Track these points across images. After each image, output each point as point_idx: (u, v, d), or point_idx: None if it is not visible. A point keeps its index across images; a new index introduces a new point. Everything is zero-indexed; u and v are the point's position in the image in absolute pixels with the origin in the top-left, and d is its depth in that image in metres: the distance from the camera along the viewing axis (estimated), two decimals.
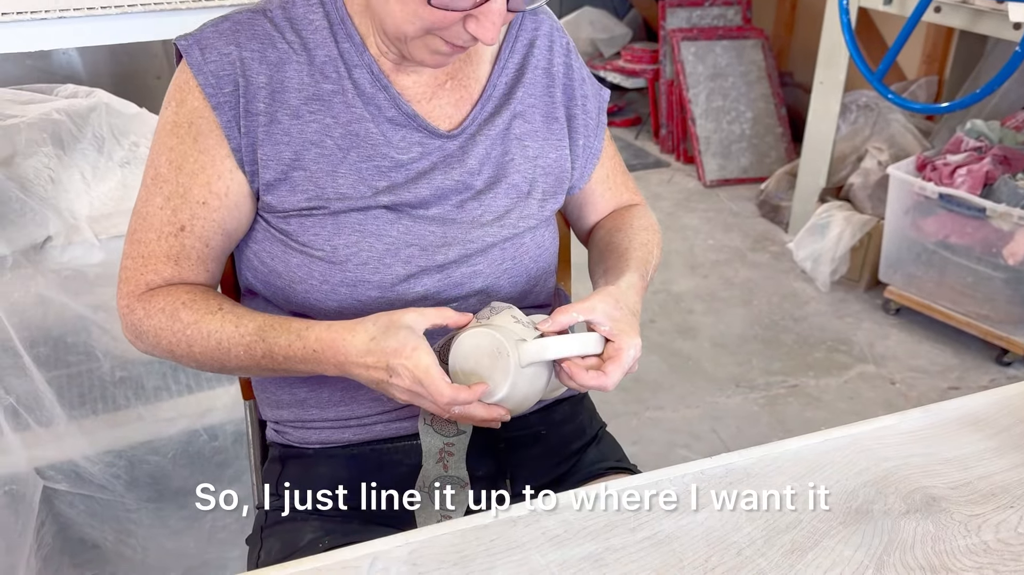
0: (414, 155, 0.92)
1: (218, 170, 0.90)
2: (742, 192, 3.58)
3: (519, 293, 1.00)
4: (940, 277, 2.56)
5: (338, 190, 0.89)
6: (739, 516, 0.71)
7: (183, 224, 0.90)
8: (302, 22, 0.91)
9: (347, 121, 0.90)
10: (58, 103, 1.60)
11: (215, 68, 0.88)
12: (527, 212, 0.98)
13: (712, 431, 2.22)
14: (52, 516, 1.52)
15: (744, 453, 0.78)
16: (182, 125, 0.90)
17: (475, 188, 0.95)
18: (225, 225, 0.92)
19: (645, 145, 4.06)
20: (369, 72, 0.91)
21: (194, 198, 0.90)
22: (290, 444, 1.01)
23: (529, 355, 0.81)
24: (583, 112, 1.04)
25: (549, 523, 0.70)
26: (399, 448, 0.96)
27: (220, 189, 0.90)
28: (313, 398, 0.97)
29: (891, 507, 0.73)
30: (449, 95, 0.96)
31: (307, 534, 0.95)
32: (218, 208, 0.90)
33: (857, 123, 3.17)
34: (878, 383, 2.42)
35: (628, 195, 1.12)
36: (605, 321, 0.84)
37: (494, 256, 0.96)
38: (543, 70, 1.01)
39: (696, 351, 2.55)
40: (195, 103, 0.89)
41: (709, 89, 3.71)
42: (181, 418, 1.51)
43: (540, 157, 0.99)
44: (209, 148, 0.89)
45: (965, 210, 2.44)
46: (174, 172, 0.90)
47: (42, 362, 1.39)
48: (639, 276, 0.95)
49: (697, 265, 3.01)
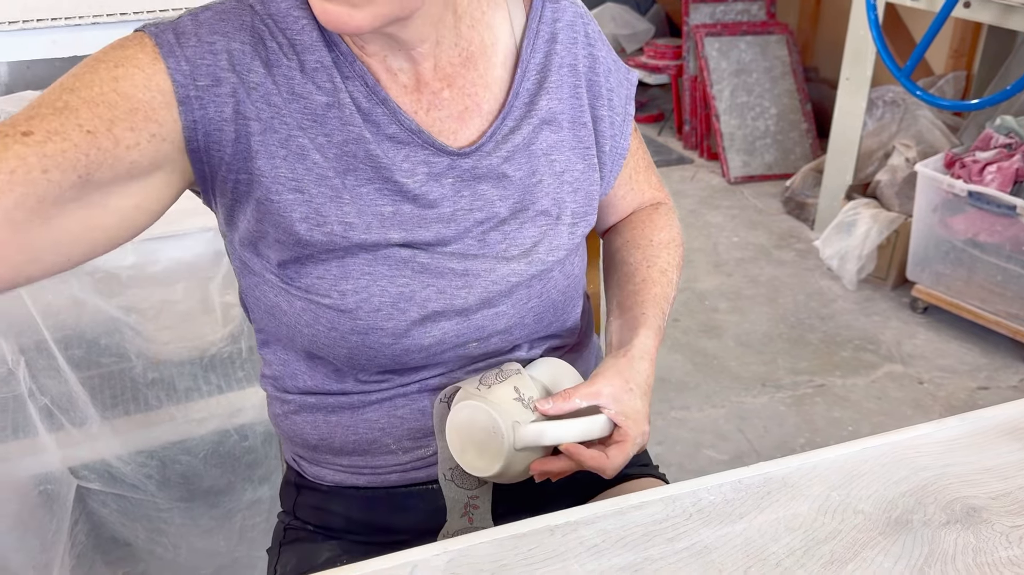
0: (420, 178, 0.80)
1: (137, 124, 0.69)
2: (767, 189, 3.56)
3: (545, 327, 0.90)
4: (969, 275, 2.53)
5: (344, 218, 0.77)
6: (778, 526, 0.71)
7: (32, 130, 0.64)
8: (286, 19, 0.76)
9: (342, 140, 0.77)
10: None
11: (192, 55, 0.72)
12: (557, 243, 0.86)
13: (738, 431, 2.21)
14: (85, 515, 1.54)
15: (782, 462, 0.78)
16: (106, 63, 0.70)
17: (498, 216, 0.83)
18: (91, 175, 0.67)
19: (668, 141, 4.04)
20: (363, 84, 0.78)
21: (78, 119, 0.66)
22: (305, 476, 0.96)
23: (524, 440, 0.78)
24: (609, 111, 0.91)
25: (587, 533, 0.70)
26: (415, 492, 0.91)
27: (126, 139, 0.68)
28: (324, 445, 0.90)
29: (931, 517, 0.72)
30: (449, 106, 0.82)
31: (324, 553, 0.93)
32: (106, 151, 0.67)
33: (884, 119, 3.14)
34: (906, 383, 2.40)
35: (651, 193, 1.02)
36: (611, 404, 0.80)
37: (519, 296, 0.85)
38: (569, 67, 0.87)
39: (721, 350, 2.54)
40: (155, 77, 0.71)
41: (733, 85, 3.69)
42: (212, 418, 1.52)
43: (567, 171, 0.87)
44: (141, 105, 0.69)
45: (995, 208, 2.41)
46: (59, 91, 0.68)
47: (76, 363, 1.41)
48: (655, 331, 0.88)
49: (721, 263, 2.99)
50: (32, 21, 1.33)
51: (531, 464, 0.80)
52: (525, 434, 0.78)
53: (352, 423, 0.88)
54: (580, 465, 0.79)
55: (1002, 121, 2.58)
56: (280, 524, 1.00)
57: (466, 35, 0.82)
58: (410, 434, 0.88)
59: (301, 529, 0.96)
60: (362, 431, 0.88)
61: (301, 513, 0.97)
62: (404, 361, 0.83)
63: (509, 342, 0.87)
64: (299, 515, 0.97)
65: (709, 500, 0.74)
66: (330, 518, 0.94)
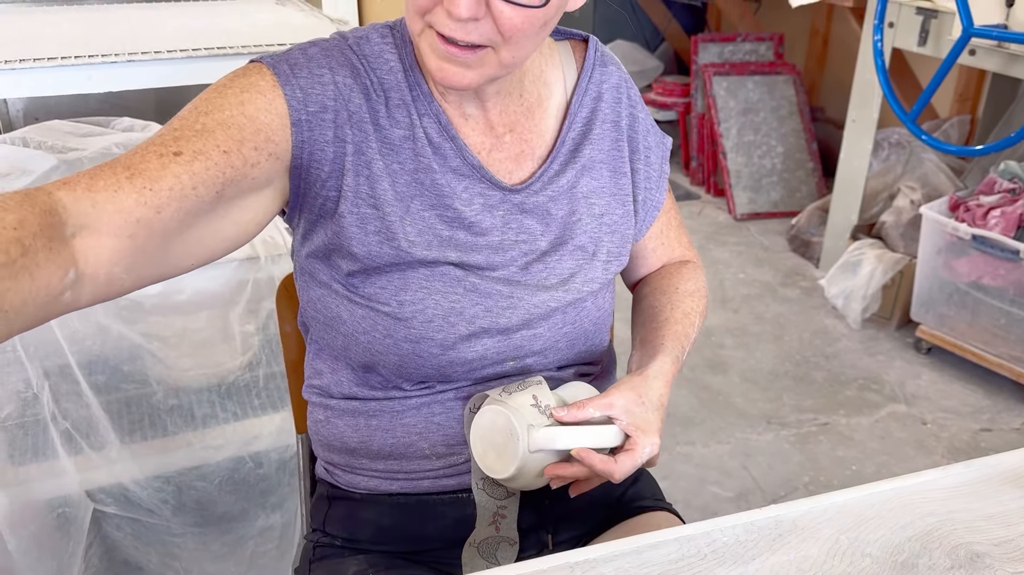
0: (476, 208, 0.90)
1: (259, 144, 0.78)
2: (772, 226, 3.61)
3: (575, 354, 0.98)
4: (972, 318, 2.57)
5: (407, 236, 0.87)
6: (789, 568, 0.74)
7: (182, 151, 0.73)
8: (377, 60, 0.88)
9: (413, 169, 0.88)
10: (116, 137, 1.66)
11: (305, 84, 0.83)
12: (591, 275, 0.95)
13: (743, 468, 2.23)
14: (100, 538, 1.56)
15: (792, 505, 0.81)
16: (232, 87, 0.80)
17: (540, 249, 0.93)
18: (225, 192, 0.75)
19: (676, 177, 4.09)
20: (437, 122, 0.89)
21: (215, 141, 0.75)
22: (338, 486, 1.02)
23: (538, 443, 0.83)
24: (645, 165, 1.02)
25: (606, 570, 0.73)
26: (445, 500, 0.97)
27: (252, 158, 0.77)
28: (363, 449, 0.97)
29: (936, 562, 0.75)
30: (509, 148, 0.93)
31: (351, 567, 0.97)
32: (239, 168, 0.76)
33: (889, 160, 3.19)
34: (909, 423, 2.42)
35: (681, 251, 1.11)
36: (623, 416, 0.86)
37: (555, 321, 0.94)
38: (611, 123, 0.98)
39: (727, 386, 2.57)
40: (275, 102, 0.81)
41: (740, 123, 3.74)
42: (228, 445, 1.55)
43: (606, 215, 0.97)
44: (263, 127, 0.79)
45: (998, 252, 2.45)
46: (196, 115, 0.77)
47: (99, 389, 1.44)
48: (672, 359, 0.94)
49: (728, 299, 3.03)
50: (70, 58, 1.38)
51: (545, 468, 0.85)
52: (539, 437, 0.83)
53: (391, 427, 0.95)
54: (591, 469, 0.84)
55: (1006, 166, 2.63)
56: (308, 543, 1.04)
57: (529, 89, 0.94)
58: (444, 440, 0.94)
59: (329, 545, 1.01)
60: (400, 435, 0.95)
61: (331, 527, 1.02)
62: (448, 373, 0.91)
63: (543, 364, 0.95)
64: (328, 530, 1.02)
65: (723, 541, 0.77)
66: (360, 528, 0.99)
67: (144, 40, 1.48)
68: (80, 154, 1.56)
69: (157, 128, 1.68)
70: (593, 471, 0.85)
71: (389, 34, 0.90)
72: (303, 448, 1.19)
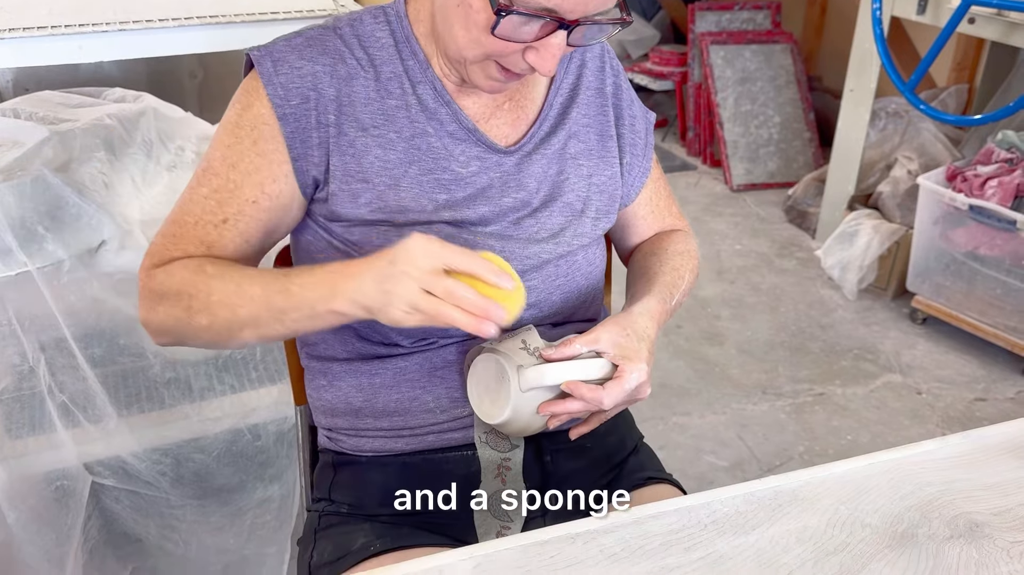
0: (473, 169, 0.96)
1: (273, 173, 0.92)
2: (769, 197, 3.60)
3: (570, 308, 1.03)
4: (968, 288, 2.57)
5: (400, 203, 0.93)
6: (789, 538, 0.74)
7: (227, 217, 0.92)
8: (369, 39, 0.95)
9: (410, 135, 0.94)
10: (108, 108, 1.64)
11: (285, 80, 0.91)
12: (581, 230, 1.01)
13: (739, 438, 2.24)
14: (99, 510, 1.56)
15: (791, 476, 0.81)
16: (244, 127, 0.92)
17: (532, 206, 0.99)
18: (269, 225, 0.94)
19: (672, 148, 4.07)
20: (432, 89, 0.95)
21: (244, 195, 0.92)
22: (343, 451, 1.04)
23: (528, 381, 0.86)
24: (631, 131, 1.08)
25: (607, 541, 0.74)
26: (450, 458, 0.99)
27: (273, 191, 0.93)
28: (368, 407, 1.00)
29: (935, 532, 0.75)
30: (507, 115, 1.00)
31: (359, 538, 0.98)
32: (268, 209, 0.93)
33: (886, 130, 3.18)
34: (904, 393, 2.44)
35: (671, 219, 1.15)
36: (611, 348, 0.89)
37: (548, 272, 0.99)
38: (595, 90, 1.05)
39: (722, 357, 2.58)
40: (261, 110, 0.92)
41: (737, 93, 3.72)
42: (226, 417, 1.55)
43: (594, 175, 1.03)
44: (267, 152, 0.92)
45: (995, 222, 2.45)
46: (226, 168, 0.92)
47: (95, 362, 1.43)
48: (659, 300, 0.98)
49: (724, 270, 3.03)
50: (60, 27, 1.36)
51: (539, 406, 0.88)
52: (528, 375, 0.86)
53: (394, 383, 0.98)
54: (581, 398, 0.87)
55: (1004, 136, 2.62)
56: (314, 514, 1.05)
57: None
58: (448, 393, 0.98)
59: (335, 514, 1.03)
60: (404, 390, 0.98)
61: (338, 493, 1.03)
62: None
63: (537, 318, 1.00)
64: (335, 497, 1.04)
65: (723, 511, 0.77)
66: (367, 492, 1.01)
67: (136, 9, 1.45)
68: (72, 125, 1.54)
69: (149, 100, 1.65)
70: (583, 400, 0.87)
71: (382, 14, 0.97)
72: (302, 420, 1.19)
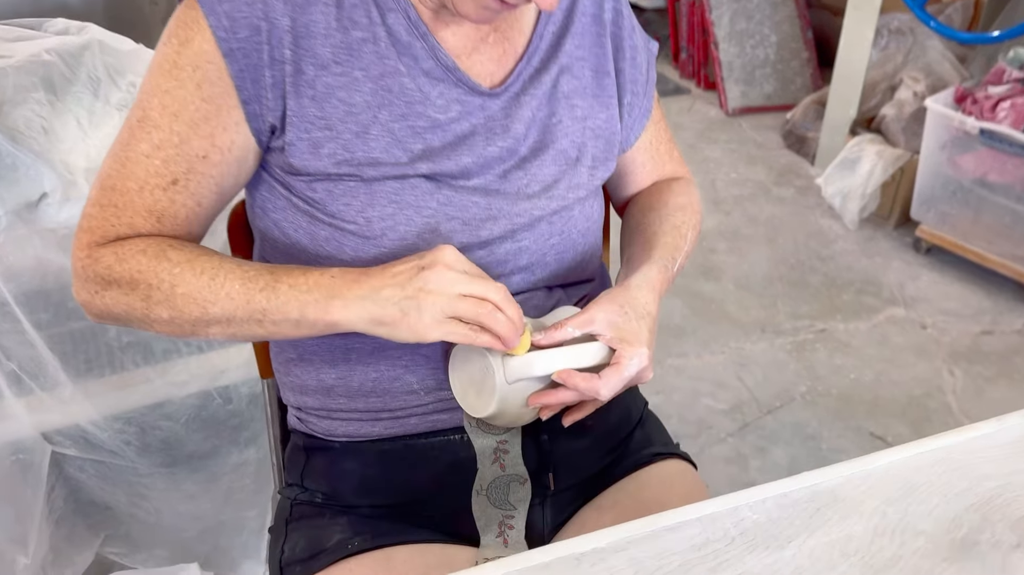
0: (453, 115, 0.82)
1: (223, 122, 0.79)
2: (766, 121, 3.44)
3: (565, 269, 0.91)
4: (976, 216, 2.46)
5: (370, 154, 0.80)
6: (832, 551, 0.63)
7: (176, 178, 0.79)
8: None
9: (378, 75, 0.80)
10: (48, 41, 1.47)
11: (230, 9, 0.76)
12: (576, 182, 0.89)
13: (737, 378, 2.15)
14: (63, 480, 1.46)
15: (829, 471, 0.70)
16: (184, 68, 0.78)
17: (520, 155, 0.86)
18: (223, 183, 0.82)
19: (664, 70, 3.89)
20: (405, 17, 0.81)
21: (192, 150, 0.79)
22: (314, 434, 0.92)
23: (515, 372, 0.76)
24: (631, 66, 0.94)
25: (617, 562, 0.63)
26: (435, 444, 0.88)
27: (224, 142, 0.79)
28: (341, 386, 0.88)
29: (1000, 538, 0.65)
30: (491, 49, 0.86)
31: (335, 533, 0.88)
32: (219, 163, 0.80)
33: (889, 48, 3.01)
34: (908, 327, 2.34)
35: (672, 166, 1.03)
36: (607, 330, 0.79)
37: (541, 231, 0.87)
38: (592, 16, 0.91)
39: (720, 293, 2.47)
40: (203, 45, 0.77)
41: (733, 10, 3.53)
42: (193, 380, 1.43)
43: (589, 118, 0.90)
44: (214, 97, 0.78)
45: (1007, 147, 2.32)
46: (168, 119, 0.78)
47: (43, 327, 1.31)
48: (659, 268, 0.88)
49: (720, 200, 2.90)
50: None
51: (528, 397, 0.78)
52: (515, 365, 0.76)
53: (372, 360, 0.86)
54: (575, 390, 0.78)
55: (1015, 54, 2.47)
56: (285, 501, 0.95)
57: None
58: (434, 373, 0.86)
59: (308, 503, 0.92)
60: (383, 368, 0.86)
61: (310, 481, 0.92)
62: None
63: (530, 282, 0.88)
64: (307, 484, 0.93)
65: (752, 519, 0.66)
66: (343, 481, 0.90)
67: None
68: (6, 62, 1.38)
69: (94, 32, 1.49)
70: (577, 391, 0.78)
71: None
72: (270, 394, 1.07)
